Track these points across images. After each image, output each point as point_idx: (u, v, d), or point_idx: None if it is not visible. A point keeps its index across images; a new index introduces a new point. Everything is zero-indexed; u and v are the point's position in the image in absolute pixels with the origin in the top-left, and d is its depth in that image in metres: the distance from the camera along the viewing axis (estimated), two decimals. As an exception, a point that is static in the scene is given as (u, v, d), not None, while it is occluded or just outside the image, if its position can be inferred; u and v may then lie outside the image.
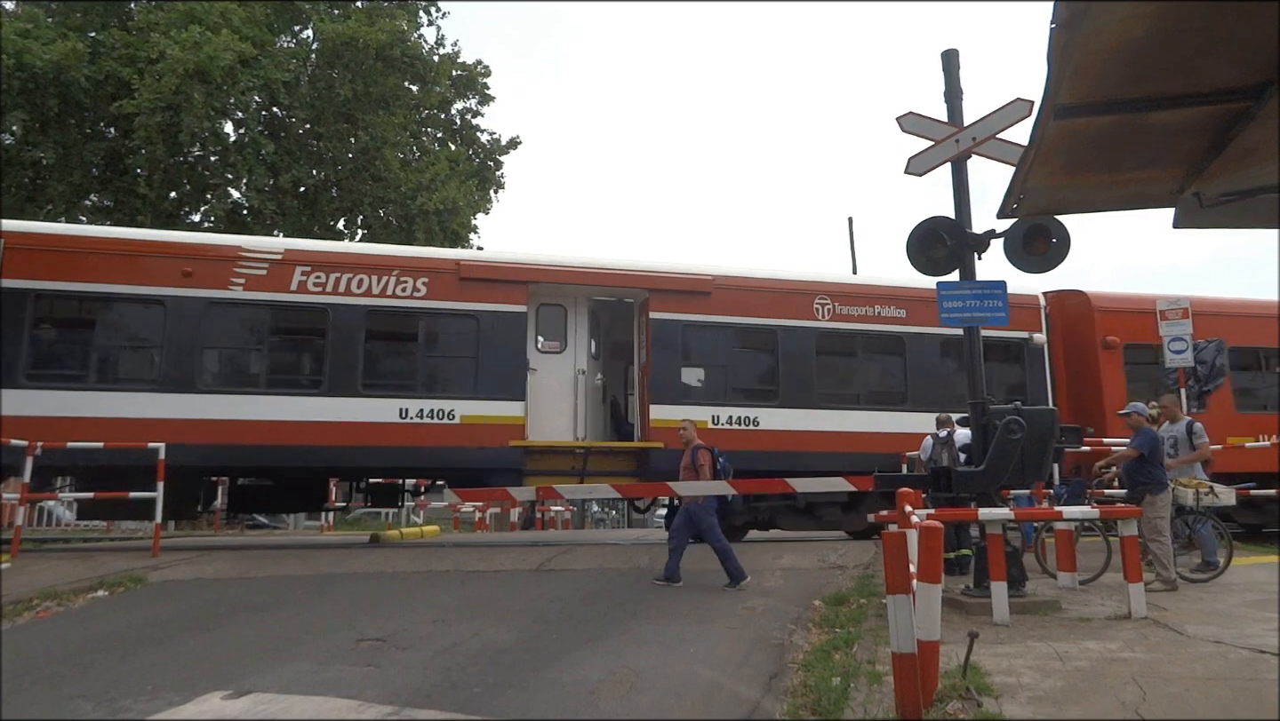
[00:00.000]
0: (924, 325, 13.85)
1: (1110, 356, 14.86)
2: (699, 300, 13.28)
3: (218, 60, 18.66)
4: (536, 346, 13.14)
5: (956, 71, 8.70)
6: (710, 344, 13.47)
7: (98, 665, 5.91)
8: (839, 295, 13.93)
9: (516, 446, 12.18)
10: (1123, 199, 4.84)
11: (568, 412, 13.03)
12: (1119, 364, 14.86)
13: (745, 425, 13.11)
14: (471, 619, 7.30)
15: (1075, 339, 15.29)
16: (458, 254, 13.89)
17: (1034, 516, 9.64)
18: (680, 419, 11.03)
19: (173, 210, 21.30)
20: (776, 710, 5.02)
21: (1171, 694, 4.80)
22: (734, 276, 13.82)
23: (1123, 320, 14.97)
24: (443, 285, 12.48)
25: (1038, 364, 14.59)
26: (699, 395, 13.17)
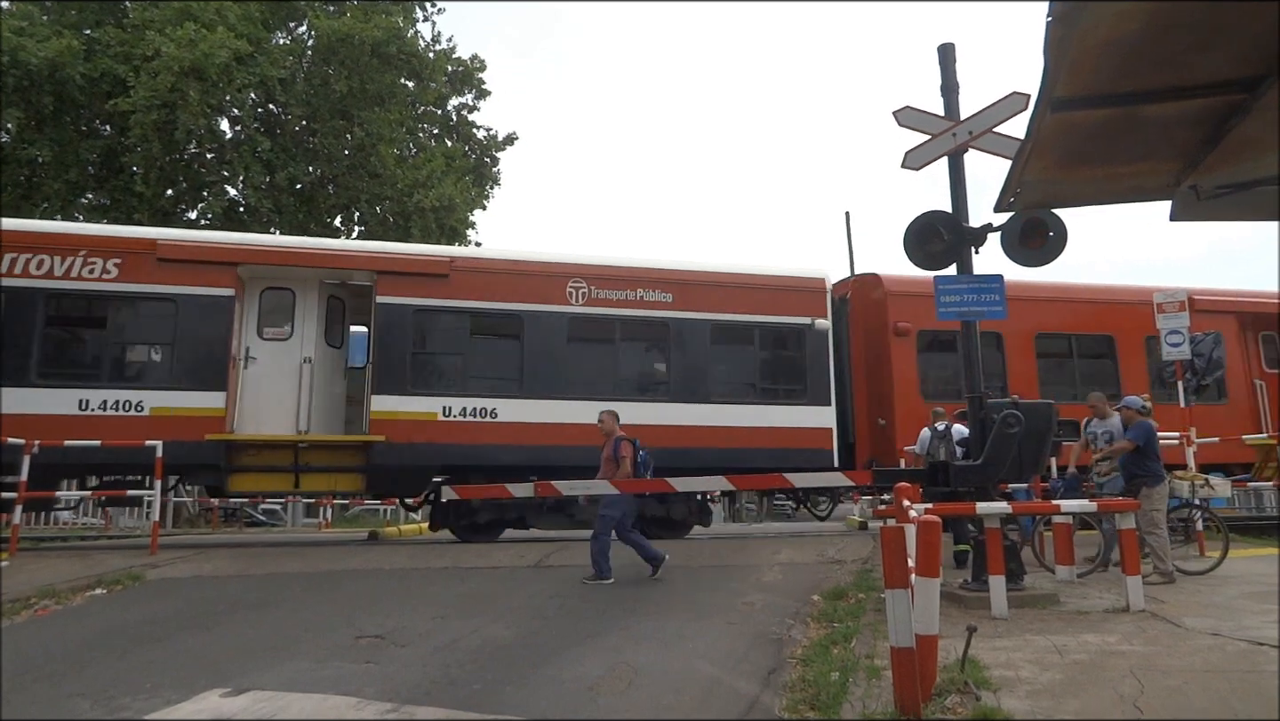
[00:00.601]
0: (692, 310, 13.32)
1: (902, 344, 14.28)
2: (435, 283, 12.55)
3: (213, 58, 18.63)
4: (259, 333, 12.22)
5: (953, 65, 8.69)
6: (446, 330, 12.83)
7: (96, 663, 5.91)
8: (596, 278, 13.14)
9: (215, 440, 11.29)
10: (1120, 192, 4.84)
11: (290, 404, 12.05)
12: (911, 351, 14.30)
13: (481, 417, 12.36)
14: (470, 615, 7.30)
15: (870, 325, 14.75)
16: (156, 233, 12.70)
17: (1032, 510, 9.65)
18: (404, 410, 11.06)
19: (169, 208, 21.29)
20: (775, 705, 5.02)
21: (1169, 686, 4.80)
22: (476, 258, 13.27)
23: (918, 305, 13.88)
24: (137, 267, 11.56)
25: (820, 351, 13.81)
26: (429, 385, 12.46)
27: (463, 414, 12.28)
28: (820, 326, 13.80)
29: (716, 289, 13.62)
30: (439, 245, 20.74)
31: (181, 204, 21.84)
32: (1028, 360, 14.70)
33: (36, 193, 20.15)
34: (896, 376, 14.15)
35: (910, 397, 13.99)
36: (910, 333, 14.27)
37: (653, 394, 13.22)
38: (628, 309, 13.14)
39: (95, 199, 21.33)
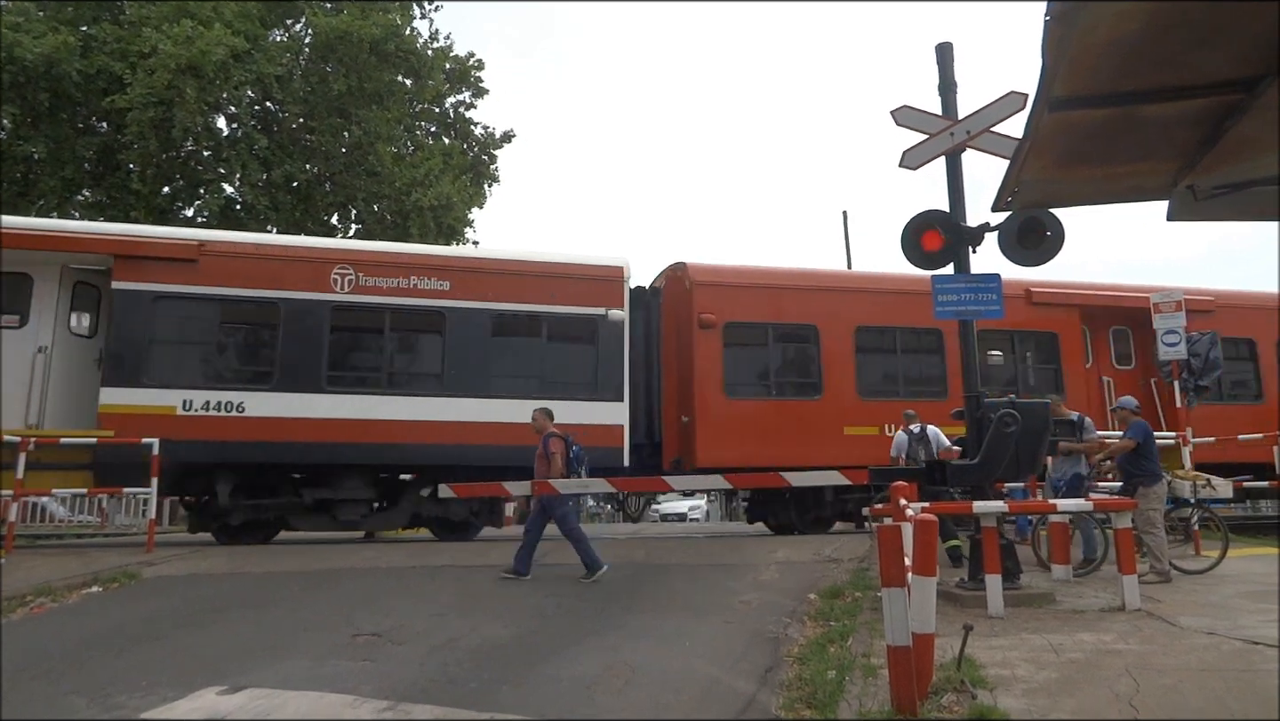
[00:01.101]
0: (471, 299, 12.60)
1: (707, 336, 13.43)
2: (181, 269, 11.69)
3: (210, 55, 18.58)
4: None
5: (951, 65, 8.70)
6: (191, 319, 11.95)
7: (92, 661, 5.90)
8: (364, 264, 12.37)
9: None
10: (1117, 192, 4.84)
11: (21, 397, 11.13)
12: (717, 345, 13.49)
13: (227, 411, 11.53)
14: (468, 614, 7.29)
15: (678, 317, 13.95)
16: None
17: (1029, 509, 9.66)
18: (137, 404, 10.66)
19: (166, 205, 21.22)
20: (772, 704, 5.03)
21: (1165, 685, 4.82)
22: (229, 242, 12.51)
23: (727, 296, 13.67)
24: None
25: (615, 343, 13.02)
26: (167, 377, 11.54)
27: (205, 408, 11.47)
28: (614, 317, 13.06)
29: (500, 277, 12.96)
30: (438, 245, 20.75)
31: (178, 201, 21.77)
32: (846, 353, 14.01)
33: (32, 190, 20.09)
34: (699, 371, 13.34)
35: (713, 394, 13.32)
36: (716, 325, 13.49)
37: (425, 387, 12.48)
38: (398, 297, 12.39)
39: (91, 196, 21.26)
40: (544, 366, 12.99)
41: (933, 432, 11.52)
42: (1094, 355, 15.44)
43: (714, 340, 13.47)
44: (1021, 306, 14.35)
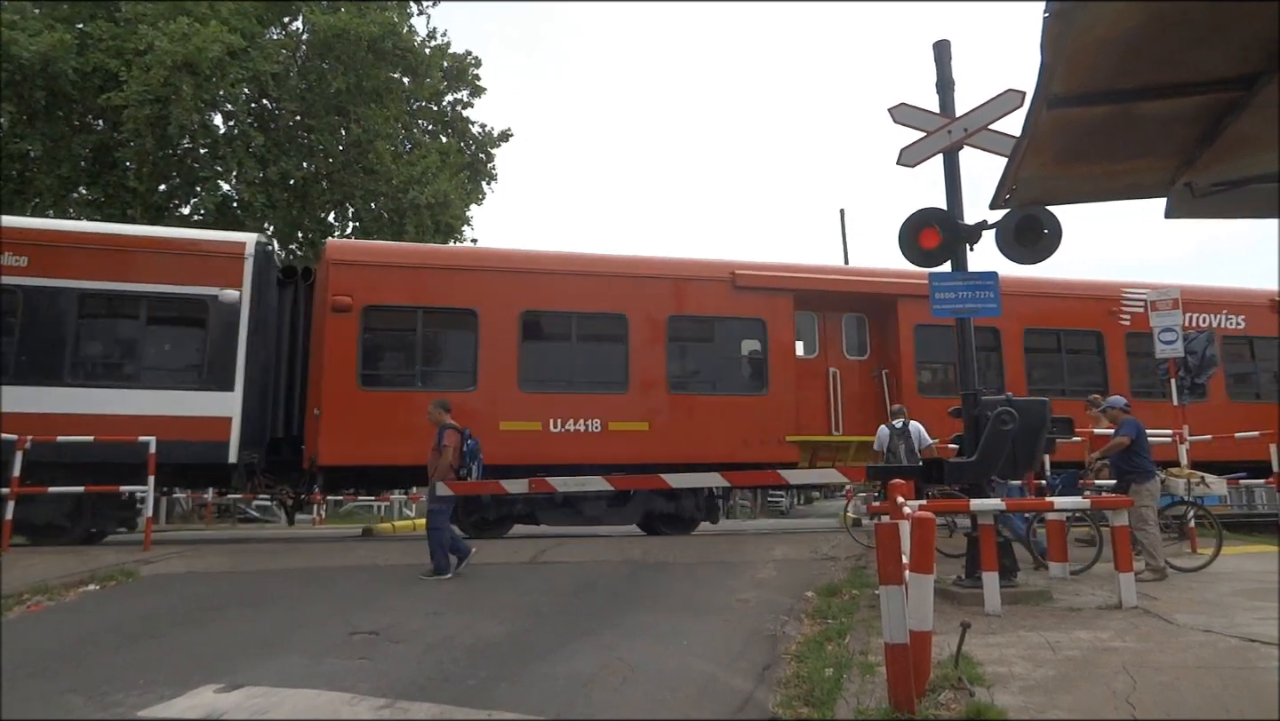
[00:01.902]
0: (54, 277, 11.35)
1: (341, 321, 12.16)
2: None
3: (206, 52, 18.56)
4: None
5: (948, 62, 8.69)
6: None
7: (89, 659, 5.89)
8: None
9: None
10: (1115, 189, 4.84)
11: None
12: (352, 330, 12.21)
13: None
14: (465, 612, 7.29)
15: (320, 301, 12.64)
16: None
17: (1026, 507, 9.67)
18: None
19: (162, 203, 21.21)
20: (769, 702, 5.03)
21: (1162, 682, 4.82)
22: None
23: (366, 277, 12.42)
24: None
25: (228, 327, 11.79)
26: None
27: None
28: (227, 298, 11.77)
29: (92, 253, 11.74)
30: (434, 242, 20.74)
31: (175, 199, 21.76)
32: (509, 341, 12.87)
33: (29, 188, 20.06)
34: (329, 359, 12.12)
35: (345, 384, 12.11)
36: (352, 309, 12.23)
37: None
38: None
39: (88, 194, 21.23)
40: (140, 352, 11.85)
41: (915, 429, 11.55)
42: (821, 344, 14.44)
43: (349, 325, 12.23)
44: (725, 291, 13.51)
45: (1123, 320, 14.70)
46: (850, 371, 14.47)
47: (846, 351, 14.64)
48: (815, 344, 14.49)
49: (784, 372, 13.60)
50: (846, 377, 14.33)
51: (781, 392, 13.46)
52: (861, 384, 14.46)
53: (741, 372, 13.90)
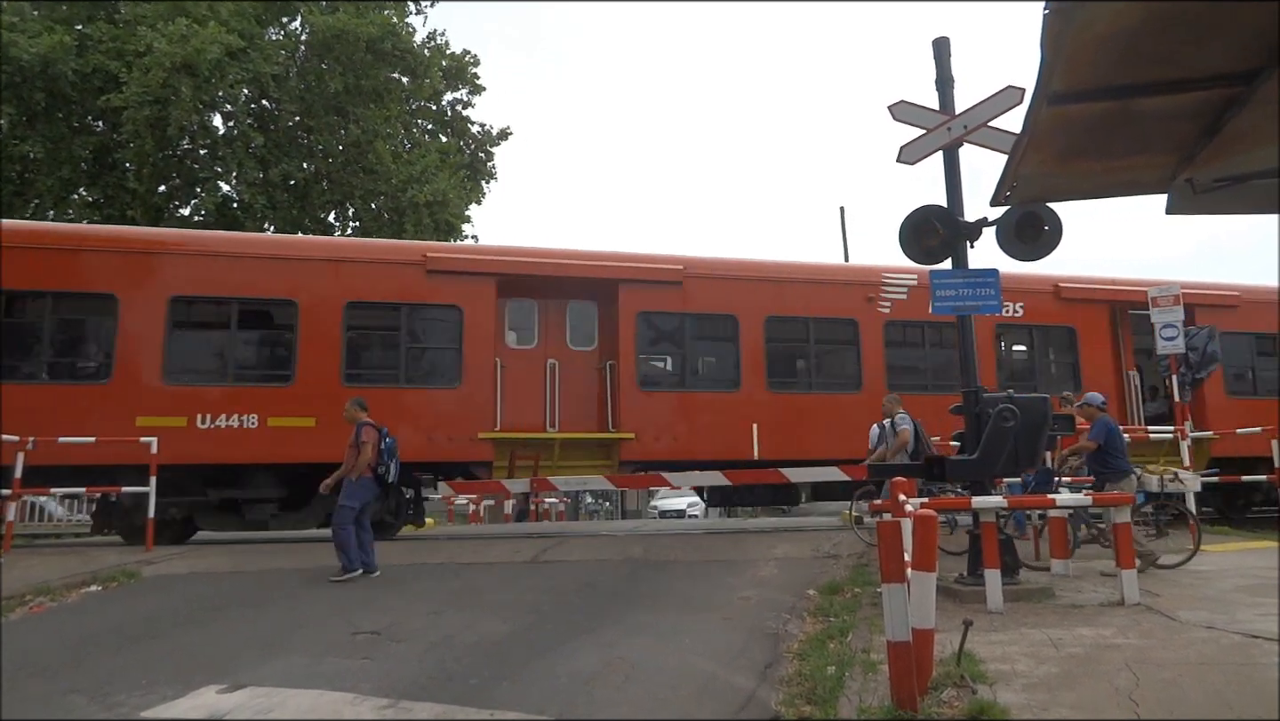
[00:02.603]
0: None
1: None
2: None
3: (205, 53, 18.57)
4: None
5: (947, 59, 8.68)
6: None
7: (92, 660, 5.89)
8: None
9: None
10: (1116, 185, 4.83)
11: None
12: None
13: None
14: (466, 611, 7.29)
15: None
16: None
17: (1028, 504, 9.67)
18: None
19: (162, 204, 21.22)
20: (772, 700, 5.03)
21: (1164, 679, 4.82)
22: None
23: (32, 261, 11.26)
24: None
25: None
26: None
27: None
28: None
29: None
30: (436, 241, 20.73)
31: (175, 200, 21.77)
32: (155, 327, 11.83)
33: (29, 189, 20.07)
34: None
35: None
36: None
37: None
38: None
39: (88, 196, 21.25)
40: None
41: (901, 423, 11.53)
42: (542, 334, 13.41)
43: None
44: (417, 276, 12.63)
45: (882, 307, 13.97)
46: (573, 363, 13.41)
47: (571, 342, 13.58)
48: (535, 334, 13.49)
49: (482, 364, 12.59)
50: (568, 370, 13.30)
51: (477, 386, 12.47)
52: (585, 377, 13.42)
53: (432, 364, 12.93)
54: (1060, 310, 14.94)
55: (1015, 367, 15.38)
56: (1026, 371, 15.20)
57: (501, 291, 12.96)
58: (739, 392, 13.34)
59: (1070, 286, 15.00)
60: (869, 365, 13.86)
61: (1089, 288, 15.17)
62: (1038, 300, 14.83)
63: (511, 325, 13.38)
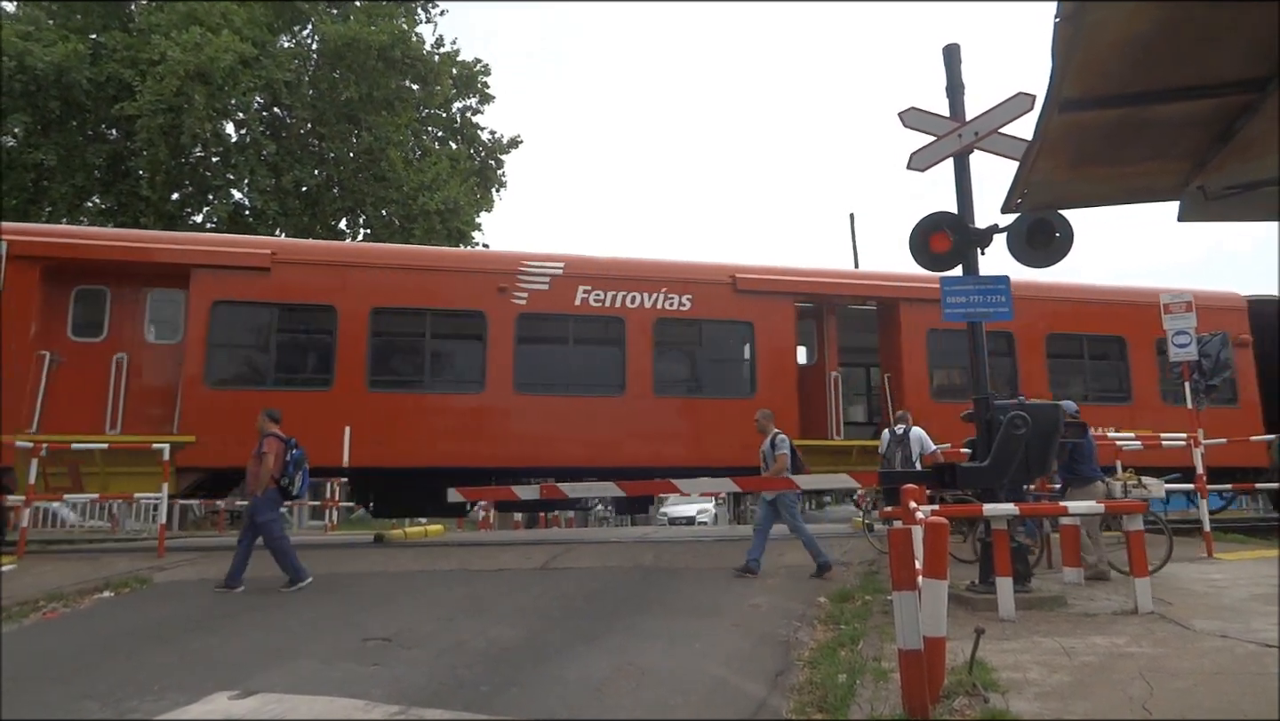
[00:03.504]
0: None
1: None
2: None
3: (219, 61, 18.71)
4: None
5: (958, 66, 8.68)
6: None
7: (104, 666, 5.92)
8: None
9: None
10: (1127, 192, 4.82)
11: None
12: None
13: None
14: (477, 617, 7.30)
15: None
16: None
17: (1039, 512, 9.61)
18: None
19: (175, 212, 21.36)
20: (783, 707, 5.01)
21: (1179, 688, 4.79)
22: None
23: None
24: None
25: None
26: None
27: None
28: None
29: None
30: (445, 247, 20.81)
31: (187, 207, 21.93)
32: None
33: (43, 197, 20.25)
34: None
35: None
36: None
37: None
38: None
39: (101, 203, 21.42)
40: None
41: (915, 435, 11.51)
42: (112, 326, 12.05)
43: None
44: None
45: (517, 298, 12.77)
46: (150, 359, 12.13)
47: (153, 335, 12.29)
48: (105, 327, 12.15)
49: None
50: (141, 366, 12.02)
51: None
52: (165, 374, 12.06)
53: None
54: (737, 304, 13.55)
55: (675, 369, 13.87)
56: (689, 373, 13.90)
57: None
58: (330, 391, 12.14)
59: (749, 277, 13.67)
60: (495, 363, 12.65)
61: (773, 279, 13.83)
62: (709, 292, 13.48)
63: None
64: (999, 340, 13.74)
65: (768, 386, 13.29)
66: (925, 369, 14.14)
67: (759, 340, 13.51)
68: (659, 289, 13.26)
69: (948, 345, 13.66)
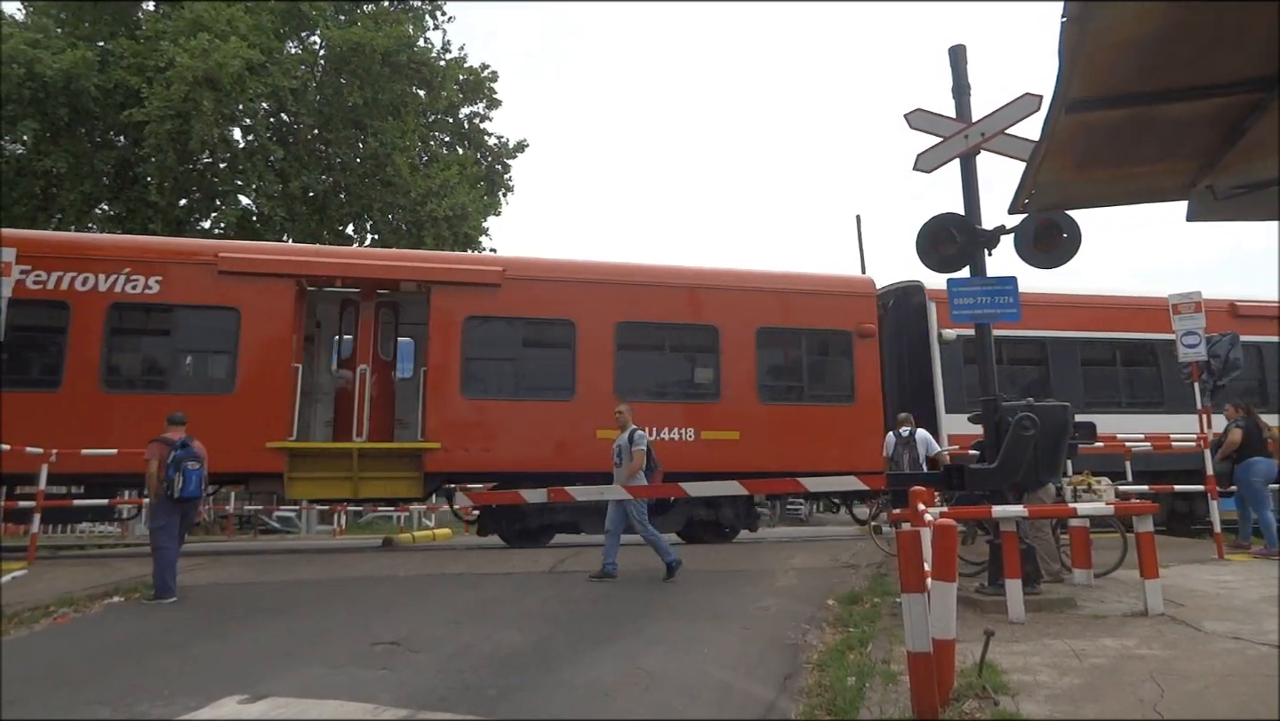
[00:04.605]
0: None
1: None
2: None
3: (226, 67, 18.79)
4: None
5: (964, 67, 8.67)
6: None
7: (114, 670, 5.93)
8: None
9: None
10: (1136, 193, 4.80)
11: None
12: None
13: None
14: (485, 621, 7.30)
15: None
16: None
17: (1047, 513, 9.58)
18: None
19: (183, 217, 21.46)
20: (792, 710, 5.00)
21: (1190, 691, 4.76)
22: None
23: None
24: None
25: None
26: None
27: None
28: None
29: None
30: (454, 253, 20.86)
31: (195, 213, 22.02)
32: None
33: (52, 204, 20.36)
34: None
35: None
36: None
37: None
38: None
39: (110, 209, 21.52)
40: None
41: (921, 437, 11.49)
42: None
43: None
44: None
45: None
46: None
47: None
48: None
49: None
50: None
51: None
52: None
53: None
54: (220, 287, 12.14)
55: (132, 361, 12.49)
56: (151, 366, 12.57)
57: None
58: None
59: (235, 257, 12.39)
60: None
61: (266, 259, 12.65)
62: (189, 275, 12.13)
63: None
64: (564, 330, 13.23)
65: (253, 381, 11.99)
66: (459, 363, 12.77)
67: (245, 329, 12.15)
68: (120, 269, 11.91)
69: (489, 335, 13.06)
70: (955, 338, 13.71)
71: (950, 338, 13.85)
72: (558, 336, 13.31)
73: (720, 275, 14.37)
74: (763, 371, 13.82)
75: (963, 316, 8.22)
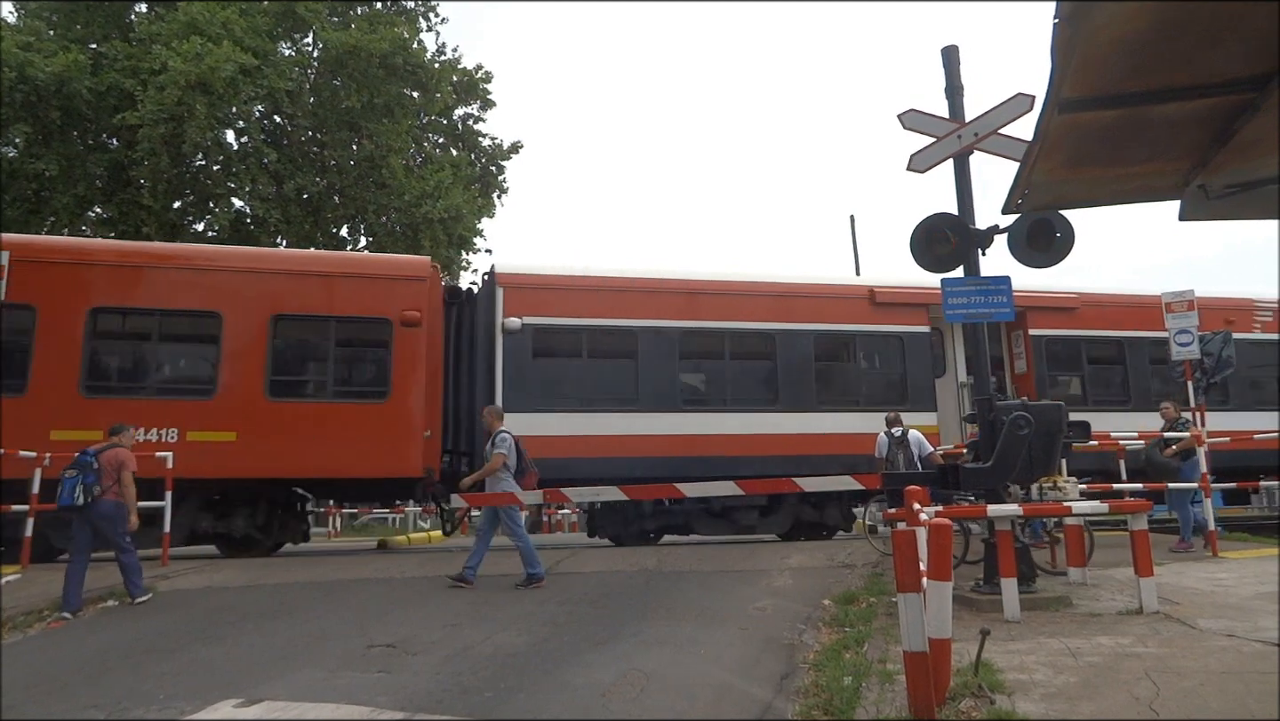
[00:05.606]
0: None
1: None
2: None
3: (219, 71, 18.74)
4: None
5: (957, 67, 8.69)
6: None
7: (109, 675, 5.92)
8: None
9: None
10: (1128, 192, 4.83)
11: None
12: None
13: None
14: (481, 623, 7.29)
15: None
16: None
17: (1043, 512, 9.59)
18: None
19: (177, 220, 21.40)
20: (788, 710, 5.01)
21: (1185, 688, 4.78)
22: None
23: None
24: None
25: None
26: None
27: None
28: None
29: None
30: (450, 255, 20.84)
31: (189, 216, 21.97)
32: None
33: (44, 207, 20.28)
34: None
35: None
36: None
37: None
38: None
39: (102, 212, 21.46)
40: None
41: (914, 437, 11.50)
42: None
43: None
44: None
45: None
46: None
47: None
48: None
49: None
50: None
51: None
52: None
53: None
54: None
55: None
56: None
57: None
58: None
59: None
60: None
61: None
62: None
63: None
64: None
65: None
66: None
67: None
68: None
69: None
70: (520, 326, 12.89)
71: (515, 327, 12.87)
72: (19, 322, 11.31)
73: (229, 255, 13.19)
74: (275, 365, 12.12)
75: (956, 316, 8.25)
